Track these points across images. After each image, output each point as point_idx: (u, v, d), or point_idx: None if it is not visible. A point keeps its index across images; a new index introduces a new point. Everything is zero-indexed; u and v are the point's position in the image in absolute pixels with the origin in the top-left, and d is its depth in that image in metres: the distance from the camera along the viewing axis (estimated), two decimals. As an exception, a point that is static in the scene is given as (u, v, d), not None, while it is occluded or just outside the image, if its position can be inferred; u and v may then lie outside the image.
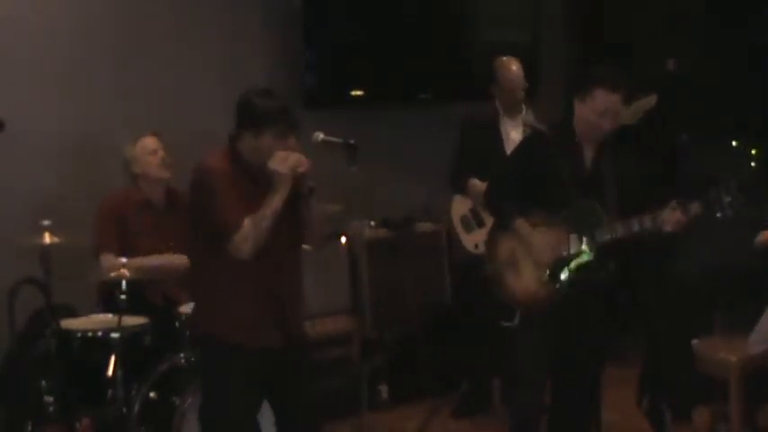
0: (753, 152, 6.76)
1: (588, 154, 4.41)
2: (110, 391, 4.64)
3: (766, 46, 6.69)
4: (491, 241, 4.52)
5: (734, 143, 6.83)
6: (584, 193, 4.32)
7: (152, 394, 4.70)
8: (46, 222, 4.66)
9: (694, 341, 5.12)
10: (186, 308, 4.92)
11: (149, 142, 5.17)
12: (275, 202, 3.88)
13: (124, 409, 4.64)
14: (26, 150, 5.49)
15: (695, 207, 4.21)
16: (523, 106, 5.73)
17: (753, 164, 6.68)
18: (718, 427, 5.10)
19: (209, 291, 4.02)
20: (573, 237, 4.32)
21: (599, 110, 4.25)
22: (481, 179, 5.40)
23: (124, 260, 4.77)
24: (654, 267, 6.33)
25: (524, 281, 4.38)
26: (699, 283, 5.76)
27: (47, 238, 4.63)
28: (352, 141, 4.04)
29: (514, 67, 5.70)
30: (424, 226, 6.64)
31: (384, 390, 5.95)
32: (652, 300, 6.15)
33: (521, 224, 4.37)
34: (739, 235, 5.14)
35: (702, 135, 6.69)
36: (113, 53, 5.83)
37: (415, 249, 6.47)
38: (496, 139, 5.65)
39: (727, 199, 4.16)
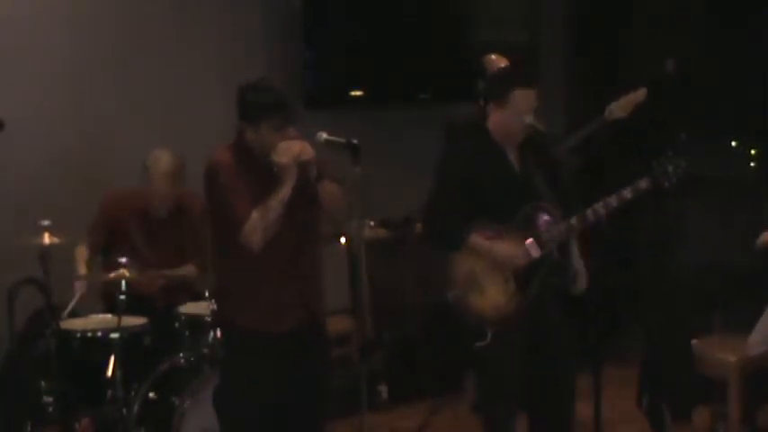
0: (753, 152, 6.77)
1: (512, 156, 4.34)
2: (109, 392, 4.64)
3: (766, 46, 6.69)
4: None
5: (734, 143, 6.84)
6: (520, 196, 4.26)
7: (151, 394, 4.71)
8: (46, 222, 4.66)
9: (694, 341, 5.12)
10: (186, 309, 4.93)
11: (163, 181, 4.99)
12: (282, 192, 3.90)
13: (124, 410, 4.64)
14: (26, 150, 5.49)
15: (644, 183, 4.22)
16: None
17: (752, 164, 6.69)
18: (718, 427, 5.10)
19: (229, 280, 4.10)
20: (530, 242, 4.24)
21: (520, 111, 4.22)
22: None
23: (124, 260, 4.77)
24: (649, 266, 6.34)
25: (491, 297, 4.25)
26: (698, 283, 5.77)
27: (47, 238, 4.63)
28: (355, 141, 4.03)
29: (503, 64, 5.68)
30: (424, 226, 6.63)
31: (384, 390, 5.95)
32: (649, 299, 6.16)
33: (476, 240, 4.23)
34: (738, 235, 5.14)
35: (702, 135, 6.69)
36: (113, 53, 5.83)
37: (415, 249, 6.45)
38: None
39: (670, 167, 4.22)
